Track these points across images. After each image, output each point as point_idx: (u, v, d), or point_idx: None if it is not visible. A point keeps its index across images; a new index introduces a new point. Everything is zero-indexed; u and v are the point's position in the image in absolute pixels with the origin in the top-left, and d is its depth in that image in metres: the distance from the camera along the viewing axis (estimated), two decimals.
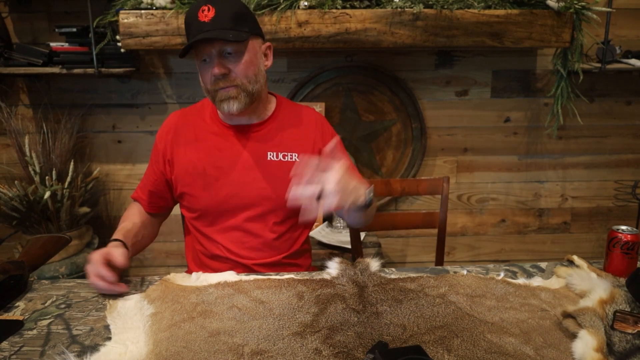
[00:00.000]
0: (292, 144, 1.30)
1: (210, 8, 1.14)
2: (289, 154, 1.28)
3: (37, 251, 1.23)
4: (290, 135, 1.30)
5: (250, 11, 1.22)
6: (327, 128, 1.36)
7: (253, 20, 1.22)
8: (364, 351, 0.84)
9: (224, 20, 1.14)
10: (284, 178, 1.25)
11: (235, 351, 0.84)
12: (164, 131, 1.33)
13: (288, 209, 1.28)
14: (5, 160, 2.28)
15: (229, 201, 1.27)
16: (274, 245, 1.30)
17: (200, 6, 1.15)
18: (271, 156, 1.27)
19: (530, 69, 2.36)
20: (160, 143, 1.33)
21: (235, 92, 1.18)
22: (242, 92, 1.19)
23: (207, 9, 1.14)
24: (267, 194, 1.27)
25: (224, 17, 1.14)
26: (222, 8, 1.15)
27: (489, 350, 0.84)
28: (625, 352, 0.83)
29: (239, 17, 1.17)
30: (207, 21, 1.14)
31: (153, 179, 1.35)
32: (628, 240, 1.09)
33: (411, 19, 1.92)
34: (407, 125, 2.36)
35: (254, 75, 1.20)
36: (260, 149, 1.28)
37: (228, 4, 1.16)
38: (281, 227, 1.30)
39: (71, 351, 0.85)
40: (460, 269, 1.17)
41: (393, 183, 1.75)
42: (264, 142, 1.28)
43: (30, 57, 2.05)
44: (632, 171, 2.49)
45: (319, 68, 2.27)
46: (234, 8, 1.17)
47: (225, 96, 1.18)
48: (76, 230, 2.13)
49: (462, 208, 2.49)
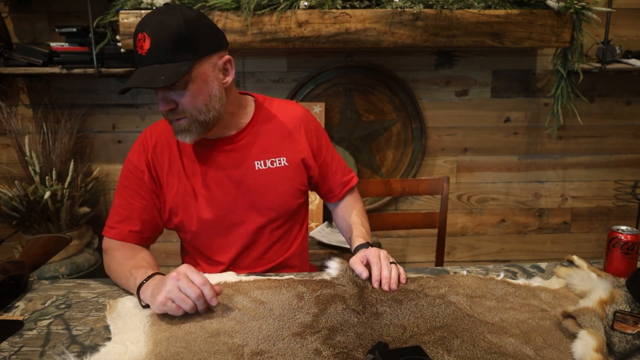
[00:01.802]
0: (278, 147, 1.23)
1: (146, 37, 1.01)
2: (277, 160, 1.23)
3: (37, 251, 1.23)
4: (275, 138, 1.24)
5: (195, 28, 1.04)
6: (313, 123, 1.31)
7: (201, 38, 1.05)
8: (364, 352, 0.84)
9: (160, 51, 1.01)
10: (275, 185, 1.23)
11: (235, 352, 0.84)
12: (142, 150, 1.21)
13: (285, 214, 1.26)
14: (5, 160, 2.28)
15: (225, 218, 1.22)
16: (272, 250, 1.28)
17: (138, 34, 1.03)
18: (259, 165, 1.21)
19: (530, 69, 2.36)
20: (140, 163, 1.20)
21: (186, 124, 1.09)
22: (194, 123, 1.09)
23: (142, 38, 1.01)
24: (262, 205, 1.23)
25: (160, 47, 1.01)
26: (159, 36, 1.01)
27: (489, 351, 0.84)
28: (625, 352, 0.83)
29: (178, 44, 1.02)
30: (143, 54, 1.02)
31: (141, 204, 1.20)
32: (628, 240, 1.09)
33: (411, 19, 1.92)
34: (407, 125, 2.36)
35: (205, 104, 1.08)
36: (246, 160, 1.21)
37: (165, 31, 1.01)
38: (278, 232, 1.28)
39: (71, 351, 0.85)
40: (460, 269, 1.17)
41: (393, 183, 1.75)
42: (248, 152, 1.21)
43: (30, 57, 2.05)
44: (632, 171, 2.49)
45: (318, 68, 2.27)
46: (173, 34, 1.01)
47: (178, 128, 1.10)
48: (76, 230, 2.13)
49: (462, 208, 2.49)
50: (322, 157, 1.32)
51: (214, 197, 1.20)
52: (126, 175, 1.22)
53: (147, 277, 1.00)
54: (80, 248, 2.13)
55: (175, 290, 0.92)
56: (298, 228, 1.33)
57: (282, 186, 1.24)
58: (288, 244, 1.31)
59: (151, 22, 1.02)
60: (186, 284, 0.92)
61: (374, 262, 1.09)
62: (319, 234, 2.18)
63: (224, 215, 1.22)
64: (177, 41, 1.02)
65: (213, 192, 1.20)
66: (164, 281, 0.94)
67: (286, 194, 1.25)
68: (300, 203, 1.29)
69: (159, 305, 0.92)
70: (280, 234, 1.28)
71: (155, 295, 0.94)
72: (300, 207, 1.30)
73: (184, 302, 0.92)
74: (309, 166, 1.28)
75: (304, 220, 1.36)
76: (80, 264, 2.08)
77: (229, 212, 1.22)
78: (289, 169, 1.24)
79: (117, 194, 1.22)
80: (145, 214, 1.20)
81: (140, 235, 1.21)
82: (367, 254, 1.11)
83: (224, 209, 1.21)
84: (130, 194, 1.20)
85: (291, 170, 1.25)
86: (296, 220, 1.32)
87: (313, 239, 2.13)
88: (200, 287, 0.93)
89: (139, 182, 1.20)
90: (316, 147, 1.30)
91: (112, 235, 1.19)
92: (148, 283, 0.99)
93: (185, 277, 0.93)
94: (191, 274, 0.94)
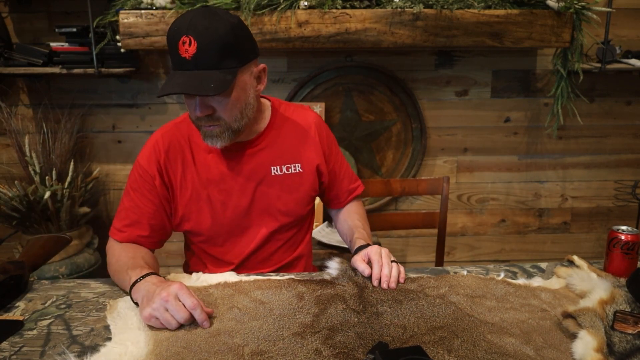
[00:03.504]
0: (294, 153, 1.24)
1: (192, 41, 0.98)
2: (292, 166, 1.23)
3: (37, 251, 1.23)
4: (291, 144, 1.24)
5: (239, 35, 1.04)
6: (325, 130, 1.32)
7: (243, 46, 1.05)
8: (364, 352, 0.84)
9: (207, 57, 0.99)
10: (290, 191, 1.24)
11: (235, 352, 0.84)
12: (153, 154, 1.18)
13: (295, 219, 1.27)
14: (5, 160, 2.28)
15: (238, 221, 1.22)
16: (279, 252, 1.29)
17: (181, 36, 0.99)
18: (275, 171, 1.22)
19: (530, 69, 2.36)
20: (151, 168, 1.17)
21: (219, 131, 1.08)
22: (227, 130, 1.09)
23: (188, 42, 0.99)
24: (275, 210, 1.23)
25: (207, 53, 0.99)
26: (205, 41, 0.99)
27: (489, 351, 0.84)
28: (626, 352, 0.83)
29: (225, 51, 1.01)
30: (188, 58, 0.99)
31: (151, 209, 1.17)
32: (628, 240, 1.09)
33: (411, 19, 1.92)
34: (407, 125, 2.36)
35: (240, 112, 1.09)
36: (262, 165, 1.21)
37: (212, 36, 0.99)
38: (286, 235, 1.29)
39: (71, 351, 0.85)
40: (460, 269, 1.17)
41: (393, 183, 1.75)
42: (265, 157, 1.21)
43: (30, 57, 2.05)
44: (632, 171, 2.49)
45: (319, 68, 2.27)
46: (220, 40, 1.00)
47: (209, 133, 1.09)
48: (76, 230, 2.13)
49: (462, 208, 2.49)
50: (332, 164, 1.33)
51: (229, 202, 1.20)
52: (136, 179, 1.19)
53: (141, 276, 0.99)
54: (80, 248, 2.13)
55: (161, 310, 0.89)
56: (305, 231, 1.35)
57: (297, 192, 1.25)
58: (294, 246, 1.32)
59: (197, 26, 0.99)
60: (174, 307, 0.89)
61: (375, 260, 1.09)
62: (319, 234, 2.18)
63: (238, 220, 1.22)
64: (224, 48, 1.01)
65: (228, 198, 1.20)
66: (153, 296, 0.91)
67: (299, 200, 1.25)
68: (309, 209, 1.31)
69: (143, 318, 0.91)
70: (288, 237, 1.29)
71: (143, 306, 0.92)
72: (308, 212, 1.32)
73: (168, 323, 0.89)
74: (322, 172, 1.29)
75: (310, 224, 1.37)
76: (80, 264, 2.08)
77: (243, 217, 1.22)
78: (303, 176, 1.25)
79: (126, 196, 1.20)
80: (154, 219, 1.18)
81: (149, 240, 1.19)
82: (368, 252, 1.11)
83: (238, 214, 1.21)
84: (139, 198, 1.18)
85: (305, 177, 1.25)
86: (304, 224, 1.33)
87: (313, 239, 2.12)
88: (191, 310, 0.90)
89: (148, 187, 1.18)
90: (328, 154, 1.31)
91: (121, 238, 1.18)
92: (140, 283, 0.98)
93: (175, 300, 0.90)
94: (182, 295, 0.91)
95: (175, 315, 0.89)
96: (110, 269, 1.13)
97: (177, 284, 0.93)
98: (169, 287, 0.92)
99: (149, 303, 0.91)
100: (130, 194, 1.19)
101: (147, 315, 0.90)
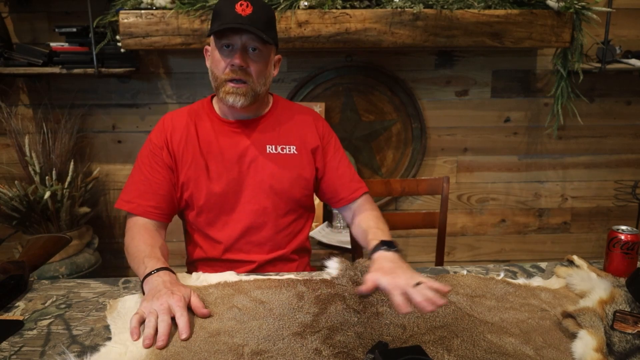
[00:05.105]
0: (289, 137, 1.33)
1: (249, 5, 1.18)
2: (287, 147, 1.32)
3: (37, 251, 1.24)
4: (287, 129, 1.34)
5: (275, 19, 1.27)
6: (321, 122, 1.40)
7: (276, 28, 1.28)
8: (364, 351, 0.84)
9: (259, 21, 1.18)
10: (283, 170, 1.30)
11: (235, 351, 0.84)
12: (161, 128, 1.32)
13: (289, 202, 1.32)
14: (5, 160, 2.28)
15: (232, 194, 1.29)
16: (276, 239, 1.32)
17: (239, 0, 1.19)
18: (270, 149, 1.31)
19: (530, 69, 2.36)
20: (159, 141, 1.29)
21: (244, 90, 1.21)
22: (251, 91, 1.22)
23: (245, 5, 1.17)
24: (268, 186, 1.29)
25: (259, 18, 1.18)
26: (260, 9, 1.19)
27: (489, 351, 0.84)
28: (625, 352, 0.83)
29: (270, 23, 1.23)
30: (244, 15, 1.17)
31: (159, 180, 1.27)
32: (628, 240, 1.09)
33: (411, 19, 1.92)
34: (407, 125, 2.36)
35: (265, 78, 1.25)
36: (259, 142, 1.31)
37: (265, 8, 1.22)
38: (284, 220, 1.32)
39: (71, 351, 0.85)
40: (460, 269, 1.17)
41: (393, 183, 1.75)
42: (262, 136, 1.31)
43: (30, 57, 2.05)
44: (632, 171, 2.49)
45: (319, 68, 2.27)
46: (269, 13, 1.23)
47: (234, 90, 1.21)
48: (76, 230, 2.13)
49: (462, 208, 2.49)
50: (330, 155, 1.37)
51: (224, 172, 1.28)
52: (146, 154, 1.30)
53: (155, 269, 1.03)
54: (80, 248, 2.13)
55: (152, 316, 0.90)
56: (301, 224, 1.37)
57: (289, 172, 1.31)
58: (290, 236, 1.34)
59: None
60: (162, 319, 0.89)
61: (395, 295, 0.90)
62: (319, 234, 2.18)
63: (232, 191, 1.29)
64: (270, 21, 1.23)
65: (224, 168, 1.28)
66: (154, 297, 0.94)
67: (292, 181, 1.31)
68: (305, 195, 1.34)
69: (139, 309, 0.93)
70: (284, 224, 1.32)
71: (146, 299, 0.95)
72: (304, 199, 1.35)
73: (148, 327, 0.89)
74: (317, 157, 1.35)
75: (308, 219, 1.40)
76: (80, 264, 2.08)
77: (237, 189, 1.29)
78: (297, 157, 1.33)
79: (136, 170, 1.30)
80: (162, 189, 1.27)
81: (158, 213, 1.26)
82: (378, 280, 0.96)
83: (232, 185, 1.29)
84: (149, 170, 1.28)
85: (299, 159, 1.33)
86: (301, 214, 1.36)
87: (313, 239, 2.13)
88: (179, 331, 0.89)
89: (157, 159, 1.28)
90: (326, 143, 1.38)
91: (129, 208, 1.25)
92: (153, 277, 1.02)
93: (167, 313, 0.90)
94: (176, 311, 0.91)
95: (159, 326, 0.89)
96: (128, 252, 1.20)
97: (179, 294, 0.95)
98: (171, 296, 0.94)
99: (146, 303, 0.94)
100: (141, 167, 1.29)
101: (142, 310, 0.93)
